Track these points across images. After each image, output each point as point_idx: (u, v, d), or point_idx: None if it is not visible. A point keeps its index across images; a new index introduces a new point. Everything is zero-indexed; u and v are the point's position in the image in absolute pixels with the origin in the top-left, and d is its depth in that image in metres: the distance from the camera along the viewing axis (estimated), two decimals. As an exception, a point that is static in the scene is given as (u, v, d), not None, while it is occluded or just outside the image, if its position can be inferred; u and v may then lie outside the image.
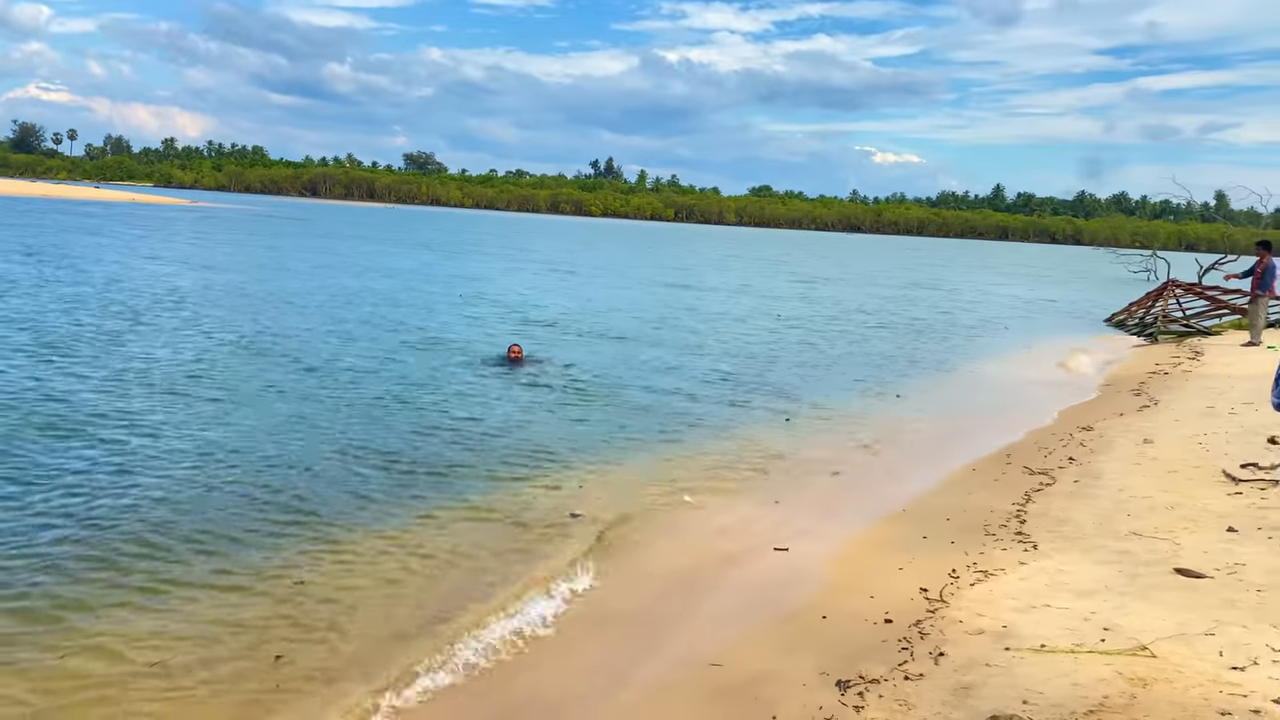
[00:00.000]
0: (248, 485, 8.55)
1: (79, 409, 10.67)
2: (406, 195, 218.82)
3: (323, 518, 7.86)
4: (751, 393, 14.81)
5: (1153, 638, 5.46)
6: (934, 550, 7.73)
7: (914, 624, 6.08)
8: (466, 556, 7.31)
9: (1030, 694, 4.88)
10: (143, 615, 5.97)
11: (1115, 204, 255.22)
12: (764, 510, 9.01)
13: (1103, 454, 10.81)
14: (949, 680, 5.17)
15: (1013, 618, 6.02)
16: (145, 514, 7.64)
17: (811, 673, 5.48)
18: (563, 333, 20.68)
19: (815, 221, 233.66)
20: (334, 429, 10.81)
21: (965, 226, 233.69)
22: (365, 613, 6.18)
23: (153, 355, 14.25)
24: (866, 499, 9.57)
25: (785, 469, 10.58)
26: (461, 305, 25.02)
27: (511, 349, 15.78)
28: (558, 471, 9.78)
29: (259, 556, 6.98)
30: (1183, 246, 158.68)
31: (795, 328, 24.72)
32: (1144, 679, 4.95)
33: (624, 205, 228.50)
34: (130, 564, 6.68)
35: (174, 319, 18.22)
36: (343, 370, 14.34)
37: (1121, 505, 8.57)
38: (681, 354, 18.51)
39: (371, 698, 5.17)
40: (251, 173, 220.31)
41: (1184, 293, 29.19)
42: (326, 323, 19.51)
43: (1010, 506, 8.88)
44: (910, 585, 6.85)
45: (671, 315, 25.93)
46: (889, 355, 20.63)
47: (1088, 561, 7.09)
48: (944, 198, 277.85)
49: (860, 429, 12.85)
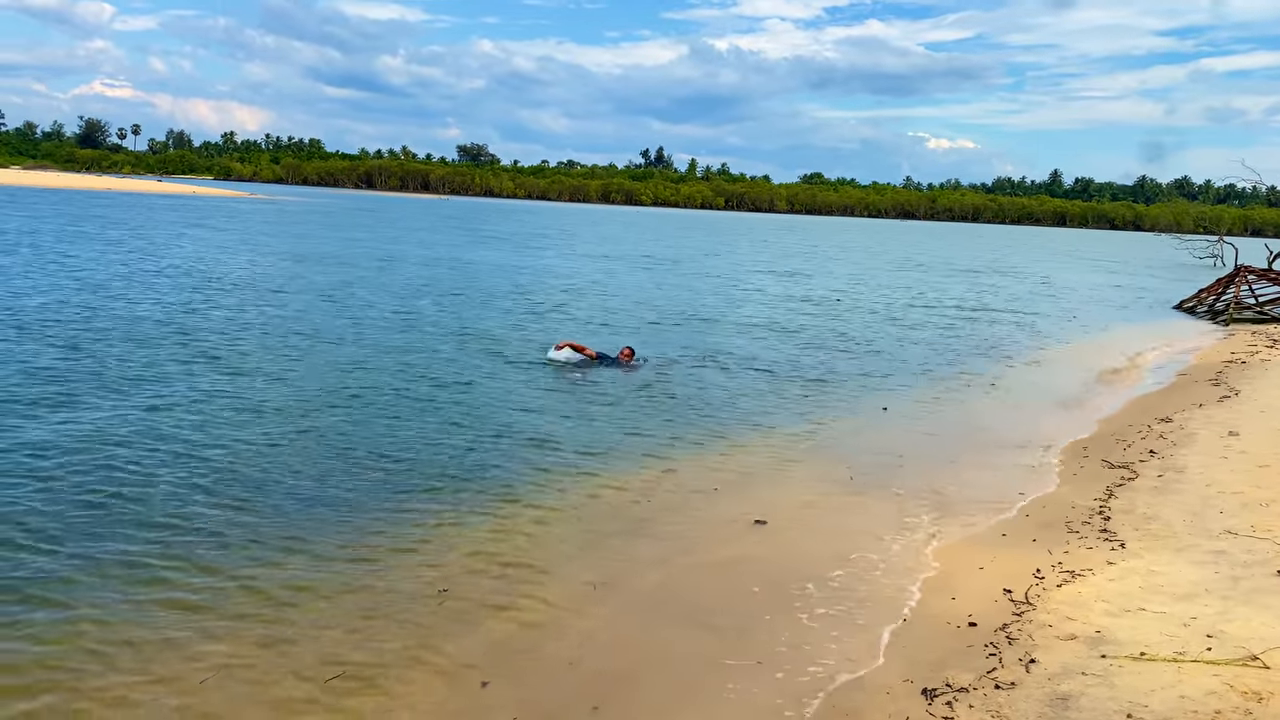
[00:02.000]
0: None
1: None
2: (460, 187, 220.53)
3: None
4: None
5: (1264, 647, 5.10)
6: (1015, 548, 7.38)
7: (1000, 628, 5.76)
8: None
9: (1134, 706, 4.56)
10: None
11: (1177, 188, 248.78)
12: (841, 504, 8.70)
13: (1185, 447, 10.34)
14: (1043, 690, 4.87)
15: (1106, 622, 5.69)
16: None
17: (896, 679, 5.20)
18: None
19: (868, 208, 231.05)
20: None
21: (1021, 212, 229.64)
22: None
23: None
24: (938, 493, 9.18)
25: (855, 455, 10.24)
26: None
27: (622, 351, 15.02)
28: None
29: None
30: (1249, 232, 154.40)
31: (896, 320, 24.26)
32: (1259, 693, 4.60)
33: (674, 194, 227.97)
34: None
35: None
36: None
37: (1211, 501, 8.14)
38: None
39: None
40: (309, 165, 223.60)
41: (1257, 279, 28.22)
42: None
43: (1092, 502, 8.48)
44: (993, 586, 6.52)
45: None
46: (970, 343, 20.11)
47: (1182, 562, 6.71)
48: (999, 183, 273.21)
49: (934, 420, 12.49)
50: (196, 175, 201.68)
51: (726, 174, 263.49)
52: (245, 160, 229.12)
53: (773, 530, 7.82)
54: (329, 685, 5.03)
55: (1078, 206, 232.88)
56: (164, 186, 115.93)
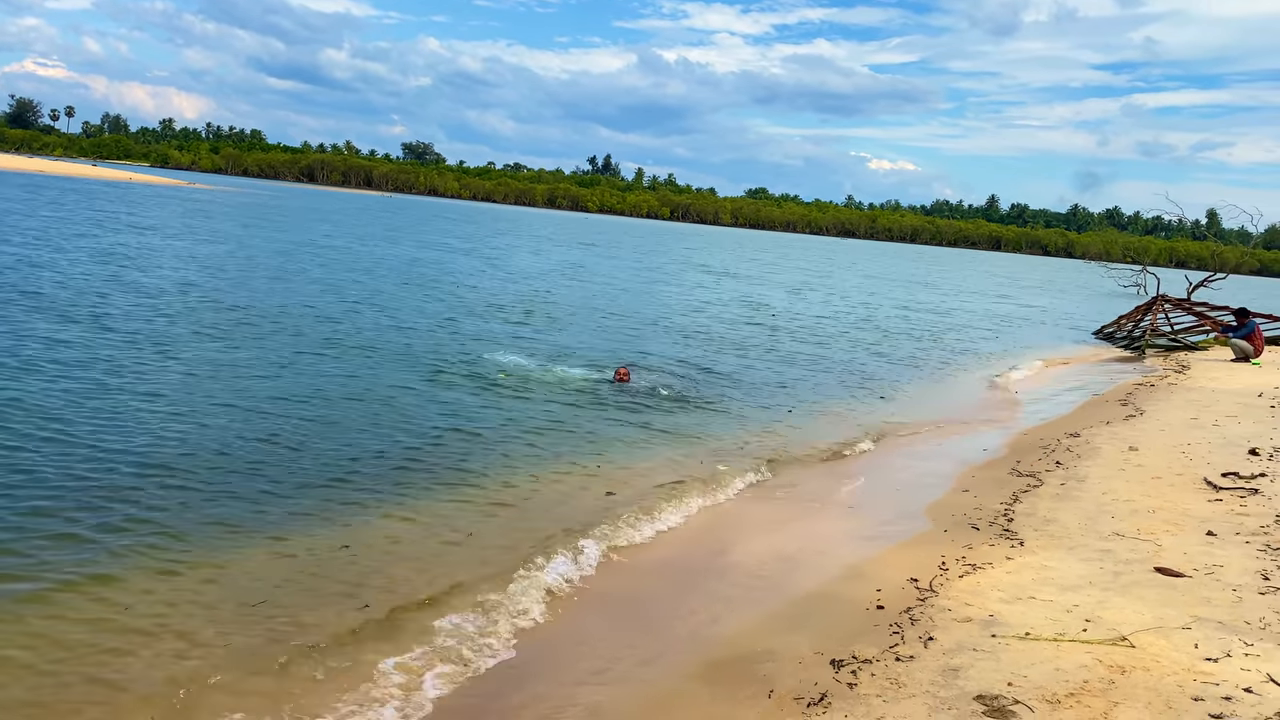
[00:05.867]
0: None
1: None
2: (404, 184, 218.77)
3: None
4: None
5: (1132, 630, 5.73)
6: (925, 544, 8.00)
7: (905, 610, 6.35)
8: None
9: (1015, 677, 5.14)
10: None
11: (1108, 218, 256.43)
12: (760, 497, 9.28)
13: (1089, 459, 11.09)
14: (938, 662, 5.43)
15: (999, 608, 6.29)
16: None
17: (808, 651, 5.74)
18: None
19: (810, 225, 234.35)
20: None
21: (958, 235, 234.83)
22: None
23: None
24: (858, 494, 9.85)
25: (785, 461, 10.85)
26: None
27: (618, 371, 14.88)
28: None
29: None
30: (1173, 263, 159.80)
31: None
32: (1123, 667, 5.21)
33: (620, 203, 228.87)
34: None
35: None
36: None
37: (1105, 508, 8.85)
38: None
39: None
40: (249, 156, 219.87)
41: (1172, 308, 29.58)
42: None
43: (999, 505, 9.16)
44: (902, 576, 7.12)
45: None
46: (895, 359, 20.93)
47: (1072, 559, 7.36)
48: (938, 206, 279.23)
49: (853, 428, 13.15)
50: (133, 161, 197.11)
51: (673, 185, 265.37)
52: (184, 149, 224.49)
53: (701, 527, 8.35)
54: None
55: (1013, 232, 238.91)
56: (99, 171, 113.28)
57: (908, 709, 4.85)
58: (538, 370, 14.89)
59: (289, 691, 5.10)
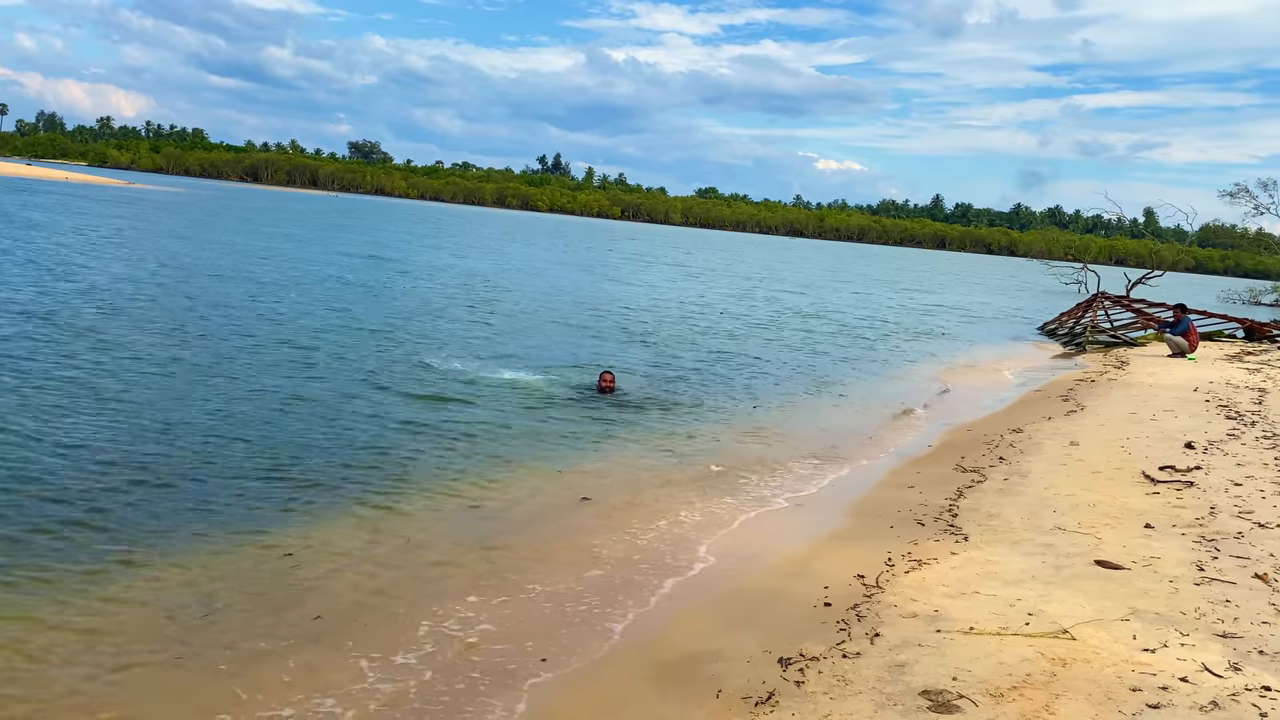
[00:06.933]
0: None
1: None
2: (351, 184, 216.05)
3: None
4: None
5: (1073, 622, 5.82)
6: (871, 541, 8.07)
7: (851, 607, 6.39)
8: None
9: (960, 671, 5.19)
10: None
11: (1049, 217, 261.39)
12: (711, 500, 9.29)
13: (1031, 455, 11.27)
14: (884, 658, 5.47)
15: (944, 603, 6.35)
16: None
17: (756, 650, 5.75)
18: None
19: (759, 225, 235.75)
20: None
21: (905, 235, 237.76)
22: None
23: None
24: (806, 492, 9.91)
25: (734, 460, 10.88)
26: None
27: (603, 377, 14.17)
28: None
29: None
30: (1113, 261, 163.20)
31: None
32: (1064, 659, 5.29)
33: (571, 202, 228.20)
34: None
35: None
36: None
37: (1047, 502, 8.99)
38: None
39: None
40: (191, 156, 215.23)
41: (1112, 305, 30.23)
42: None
43: (943, 501, 9.27)
44: (849, 572, 7.17)
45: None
46: (843, 356, 21.12)
47: (1015, 553, 7.46)
48: (885, 205, 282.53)
49: (806, 425, 13.24)
50: (69, 160, 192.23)
51: (624, 184, 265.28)
52: (123, 148, 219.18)
53: (650, 528, 8.35)
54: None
55: (957, 231, 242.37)
56: (34, 171, 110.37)
57: (854, 706, 4.87)
58: (488, 373, 14.79)
59: (228, 699, 5.00)
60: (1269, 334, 27.57)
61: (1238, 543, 7.47)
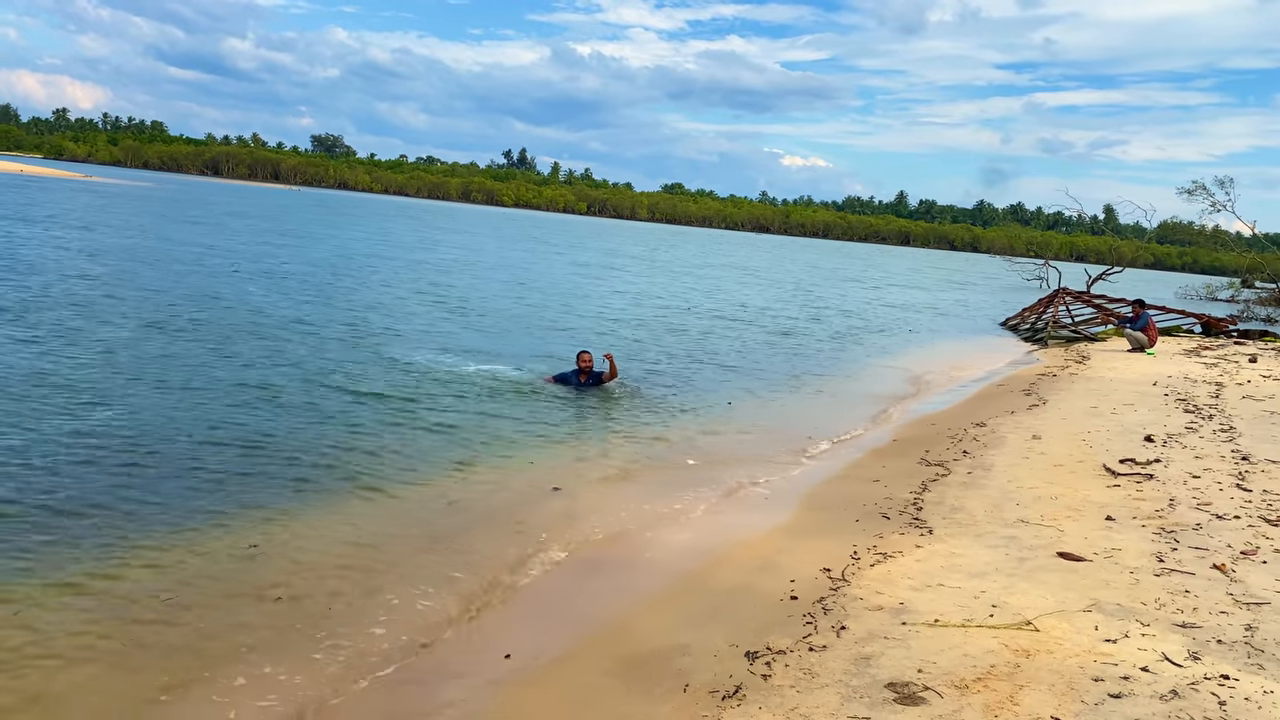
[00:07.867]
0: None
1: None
2: (313, 178, 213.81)
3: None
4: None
5: (1036, 614, 5.87)
6: (837, 534, 8.09)
7: (818, 600, 6.40)
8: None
9: (925, 663, 5.22)
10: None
11: (1012, 214, 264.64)
12: (681, 493, 9.29)
13: (994, 448, 11.38)
14: (850, 651, 5.48)
15: (909, 595, 6.38)
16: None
17: (723, 644, 5.75)
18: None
19: (725, 220, 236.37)
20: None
21: (869, 231, 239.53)
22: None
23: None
24: (773, 485, 9.94)
25: (703, 455, 10.89)
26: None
27: (580, 357, 13.84)
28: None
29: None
30: (1073, 257, 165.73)
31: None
32: (1027, 650, 5.34)
33: (536, 197, 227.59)
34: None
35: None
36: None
37: (1010, 495, 9.08)
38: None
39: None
40: (150, 148, 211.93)
41: (1073, 300, 30.63)
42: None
43: (908, 495, 9.32)
44: (815, 566, 7.18)
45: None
46: (812, 352, 21.21)
47: (979, 546, 7.52)
48: (850, 202, 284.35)
49: (775, 420, 13.28)
50: (24, 153, 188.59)
51: (590, 179, 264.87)
52: (80, 140, 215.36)
53: (616, 522, 8.33)
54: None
55: (921, 227, 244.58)
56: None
57: (821, 699, 4.88)
58: (461, 366, 14.69)
59: (185, 687, 4.92)
60: (1225, 329, 28.06)
61: (1196, 534, 7.58)
